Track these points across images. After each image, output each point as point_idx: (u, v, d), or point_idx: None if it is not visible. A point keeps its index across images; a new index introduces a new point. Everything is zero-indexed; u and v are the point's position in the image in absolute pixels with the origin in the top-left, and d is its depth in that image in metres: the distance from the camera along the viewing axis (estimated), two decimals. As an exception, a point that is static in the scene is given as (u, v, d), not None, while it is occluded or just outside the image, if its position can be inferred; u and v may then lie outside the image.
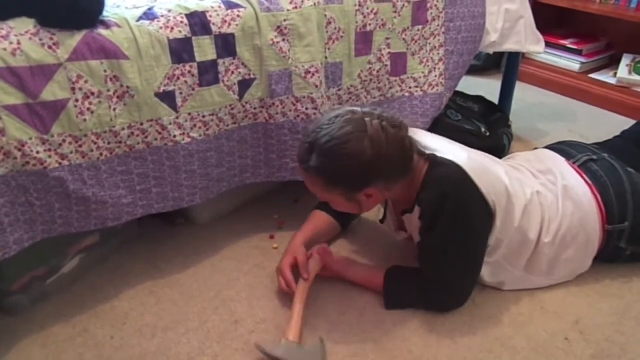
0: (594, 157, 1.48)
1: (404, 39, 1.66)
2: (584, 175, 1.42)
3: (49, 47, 1.14)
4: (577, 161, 1.48)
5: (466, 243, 1.27)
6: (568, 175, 1.43)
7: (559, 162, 1.49)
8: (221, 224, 1.68)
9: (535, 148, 1.70)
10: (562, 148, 1.57)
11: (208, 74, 1.34)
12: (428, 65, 1.74)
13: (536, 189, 1.38)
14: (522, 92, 2.59)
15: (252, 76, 1.41)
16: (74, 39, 1.16)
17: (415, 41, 1.69)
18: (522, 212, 1.31)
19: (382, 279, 1.35)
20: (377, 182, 1.20)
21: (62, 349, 1.26)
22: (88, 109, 1.20)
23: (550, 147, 1.62)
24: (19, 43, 1.11)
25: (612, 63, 2.72)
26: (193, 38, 1.30)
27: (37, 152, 1.16)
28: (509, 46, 1.94)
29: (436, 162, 1.25)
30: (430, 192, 1.23)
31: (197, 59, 1.32)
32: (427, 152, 1.27)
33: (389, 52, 1.64)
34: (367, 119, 1.18)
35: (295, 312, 1.26)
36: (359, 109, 1.22)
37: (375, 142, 1.16)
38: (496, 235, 1.29)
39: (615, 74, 2.57)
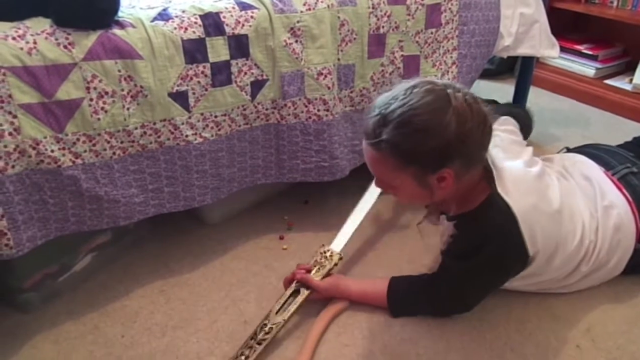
0: (635, 169, 1.39)
1: (417, 42, 1.65)
2: (624, 190, 1.35)
3: (65, 47, 1.15)
4: (617, 173, 1.39)
5: (488, 280, 1.26)
6: (608, 191, 1.35)
7: (597, 174, 1.40)
8: (232, 224, 1.68)
9: (567, 148, 1.62)
10: (599, 155, 1.47)
11: (221, 74, 1.35)
12: (441, 69, 1.74)
13: (586, 219, 1.30)
14: (536, 97, 2.57)
15: (264, 77, 1.42)
16: (89, 39, 1.18)
17: (429, 44, 1.68)
18: (566, 255, 1.26)
19: (386, 289, 1.32)
20: (455, 163, 1.08)
21: (73, 347, 1.27)
22: (102, 108, 1.21)
23: (585, 152, 1.51)
24: (35, 43, 1.12)
25: (628, 69, 2.69)
26: (207, 39, 1.31)
27: (52, 151, 1.17)
28: (524, 50, 1.93)
29: (494, 202, 1.16)
30: (474, 228, 1.19)
31: (211, 59, 1.32)
32: (496, 176, 1.17)
33: (402, 55, 1.64)
34: (449, 90, 1.06)
35: (309, 341, 1.24)
36: (438, 80, 1.10)
37: (461, 115, 1.04)
38: (531, 271, 1.25)
39: (631, 80, 2.54)
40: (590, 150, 1.52)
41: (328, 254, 1.40)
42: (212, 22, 1.31)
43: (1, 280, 1.35)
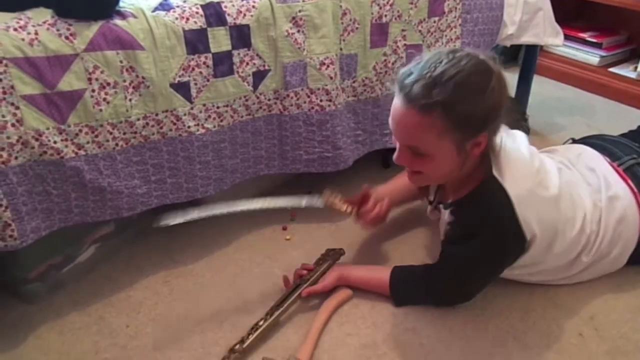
0: None
1: (420, 31, 1.64)
2: (629, 182, 1.34)
3: (66, 37, 1.15)
4: (623, 164, 1.38)
5: (489, 267, 1.26)
6: (613, 182, 1.34)
7: (602, 165, 1.39)
8: (234, 215, 1.68)
9: (572, 139, 1.61)
10: (605, 146, 1.46)
11: (223, 65, 1.35)
12: (444, 58, 1.72)
13: (588, 209, 1.30)
14: (540, 86, 2.56)
15: (266, 67, 1.41)
16: (91, 29, 1.17)
17: (432, 33, 1.67)
18: (569, 242, 1.26)
19: (388, 278, 1.33)
20: (491, 128, 1.11)
21: (78, 337, 1.28)
22: (104, 99, 1.21)
23: (590, 142, 1.51)
24: (36, 34, 1.12)
25: (633, 57, 2.67)
26: (208, 29, 1.30)
27: (55, 142, 1.17)
28: (527, 39, 1.91)
29: (490, 185, 1.16)
30: (470, 212, 1.19)
31: (212, 50, 1.32)
32: (494, 159, 1.18)
33: (404, 44, 1.63)
34: (482, 57, 1.09)
35: (312, 331, 1.25)
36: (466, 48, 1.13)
37: (500, 81, 1.08)
38: (531, 258, 1.25)
39: (636, 68, 2.52)
40: (595, 141, 1.51)
41: (331, 253, 1.44)
42: (213, 12, 1.31)
43: (6, 271, 1.35)
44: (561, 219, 1.24)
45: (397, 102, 1.11)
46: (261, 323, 1.26)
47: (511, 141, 1.25)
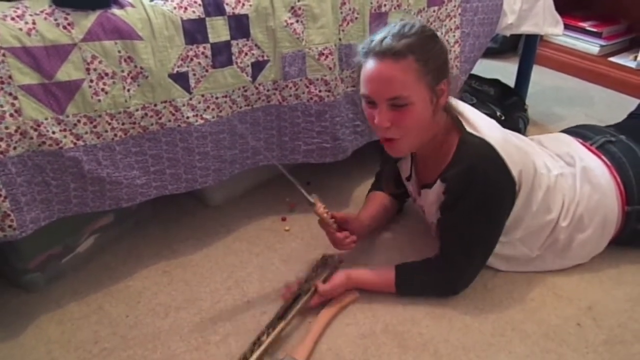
0: (612, 139, 1.46)
1: (419, 20, 1.63)
2: (602, 157, 1.41)
3: (64, 27, 1.14)
4: (595, 143, 1.46)
5: (491, 220, 1.26)
6: (586, 157, 1.42)
7: (576, 145, 1.48)
8: (234, 206, 1.69)
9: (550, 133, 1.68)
10: (579, 131, 1.56)
11: (222, 55, 1.34)
12: (443, 48, 1.72)
13: (560, 171, 1.38)
14: (540, 76, 2.55)
15: (265, 58, 1.41)
16: (89, 19, 1.16)
17: (431, 23, 1.66)
18: (544, 194, 1.30)
19: (393, 278, 1.32)
20: (448, 75, 1.21)
21: (78, 327, 1.28)
22: (102, 89, 1.21)
23: (566, 131, 1.60)
24: (34, 23, 1.11)
25: (633, 46, 2.66)
26: (207, 19, 1.30)
27: (53, 133, 1.17)
28: (527, 28, 1.90)
29: (466, 139, 1.22)
30: (458, 168, 1.21)
31: (211, 40, 1.31)
32: (462, 119, 1.25)
33: (404, 34, 1.62)
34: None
35: (311, 333, 1.23)
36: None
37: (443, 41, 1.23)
38: (514, 215, 1.28)
39: (636, 57, 2.52)
40: (570, 129, 1.61)
41: (329, 260, 1.42)
42: (212, 2, 1.30)
43: (6, 261, 1.36)
44: (533, 167, 1.29)
45: (370, 64, 1.16)
46: (264, 338, 1.20)
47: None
